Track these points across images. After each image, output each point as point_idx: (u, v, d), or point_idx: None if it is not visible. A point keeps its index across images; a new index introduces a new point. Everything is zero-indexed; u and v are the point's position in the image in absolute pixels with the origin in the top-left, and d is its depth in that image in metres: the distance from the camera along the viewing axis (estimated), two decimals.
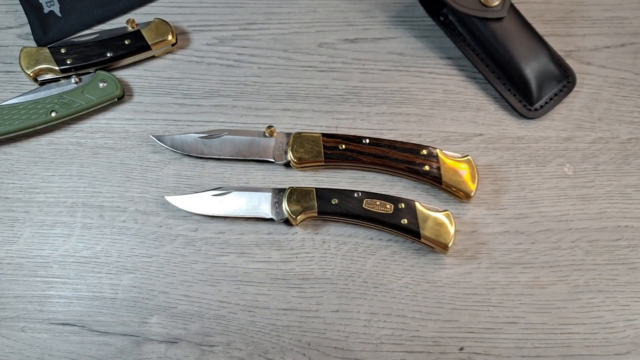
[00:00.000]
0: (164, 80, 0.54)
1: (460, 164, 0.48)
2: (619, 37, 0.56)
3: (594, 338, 0.45)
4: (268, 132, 0.50)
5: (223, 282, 0.46)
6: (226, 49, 0.55)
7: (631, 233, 0.48)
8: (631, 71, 0.54)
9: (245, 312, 0.45)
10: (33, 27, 0.55)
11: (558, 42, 0.55)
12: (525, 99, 0.52)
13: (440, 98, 0.53)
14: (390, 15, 0.57)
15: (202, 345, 0.44)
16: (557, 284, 0.46)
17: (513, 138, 0.51)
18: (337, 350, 0.44)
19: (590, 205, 0.49)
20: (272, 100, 0.53)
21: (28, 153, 0.51)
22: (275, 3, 0.57)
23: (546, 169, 0.50)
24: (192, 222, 0.48)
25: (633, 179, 0.50)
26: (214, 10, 0.57)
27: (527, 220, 0.48)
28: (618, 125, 0.52)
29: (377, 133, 0.51)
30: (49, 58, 0.52)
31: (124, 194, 0.49)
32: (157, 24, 0.54)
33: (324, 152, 0.49)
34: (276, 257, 0.47)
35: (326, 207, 0.47)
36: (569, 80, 0.53)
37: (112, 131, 0.52)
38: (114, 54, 0.52)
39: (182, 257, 0.47)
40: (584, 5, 0.57)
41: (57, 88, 0.52)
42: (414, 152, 0.49)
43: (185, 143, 0.50)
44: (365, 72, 0.54)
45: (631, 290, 0.46)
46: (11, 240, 0.48)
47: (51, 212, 0.49)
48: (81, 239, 0.48)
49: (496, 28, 0.51)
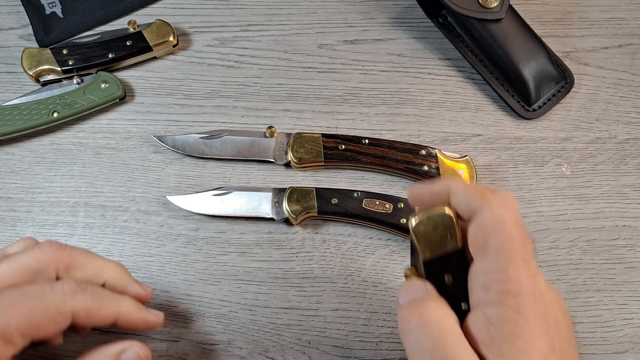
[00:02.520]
0: (165, 81, 0.54)
1: (458, 164, 0.49)
2: (617, 38, 0.56)
3: (592, 337, 0.45)
4: (268, 132, 0.50)
5: (224, 281, 0.47)
6: (227, 50, 0.55)
7: (629, 232, 0.48)
8: (629, 72, 0.54)
9: (245, 311, 0.46)
10: (35, 28, 0.55)
11: (556, 43, 0.55)
12: (523, 100, 0.52)
13: (439, 99, 0.53)
14: (390, 17, 0.57)
15: (203, 343, 0.44)
16: (555, 283, 0.47)
17: (511, 138, 0.52)
18: (337, 348, 0.44)
19: (588, 205, 0.49)
20: (273, 101, 0.53)
21: (30, 153, 0.51)
22: (275, 5, 0.57)
23: (544, 169, 0.51)
24: (193, 222, 0.48)
25: (630, 179, 0.50)
26: (214, 12, 0.57)
27: (525, 219, 0.49)
28: (616, 126, 0.52)
29: (377, 133, 0.52)
30: (50, 59, 0.52)
31: (125, 193, 0.49)
32: (158, 25, 0.54)
33: (324, 152, 0.49)
34: (276, 257, 0.47)
35: (326, 206, 0.47)
36: (567, 81, 0.53)
37: (113, 131, 0.52)
38: (115, 55, 0.53)
39: (183, 257, 0.47)
40: (582, 6, 0.57)
41: (59, 89, 0.52)
42: (413, 152, 0.49)
43: (187, 143, 0.50)
44: (364, 73, 0.55)
45: (629, 290, 0.47)
46: (13, 239, 0.48)
47: (53, 211, 0.49)
48: (83, 239, 0.48)
49: (494, 29, 0.51)
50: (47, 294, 0.34)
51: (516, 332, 0.28)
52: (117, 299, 0.37)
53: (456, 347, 0.29)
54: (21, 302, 0.33)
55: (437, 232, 0.31)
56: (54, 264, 0.36)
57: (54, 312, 0.34)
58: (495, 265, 0.29)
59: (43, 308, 0.33)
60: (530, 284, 0.29)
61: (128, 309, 0.37)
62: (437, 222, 0.31)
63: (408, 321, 0.30)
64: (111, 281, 0.38)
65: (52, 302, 0.34)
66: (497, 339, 0.28)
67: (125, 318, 0.37)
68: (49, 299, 0.34)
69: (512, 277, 0.29)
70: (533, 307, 0.29)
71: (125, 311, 0.37)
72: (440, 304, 0.31)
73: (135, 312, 0.38)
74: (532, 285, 0.29)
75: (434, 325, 0.30)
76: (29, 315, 0.33)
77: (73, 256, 0.37)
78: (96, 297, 0.36)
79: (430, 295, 0.31)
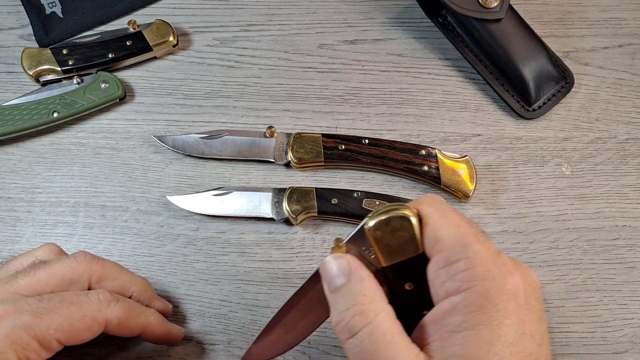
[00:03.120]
0: (165, 81, 0.54)
1: (458, 164, 0.49)
2: (617, 38, 0.56)
3: (592, 337, 0.45)
4: (268, 132, 0.50)
5: (224, 281, 0.47)
6: (227, 50, 0.55)
7: (629, 232, 0.48)
8: (629, 72, 0.54)
9: (245, 311, 0.46)
10: (35, 28, 0.55)
11: (556, 43, 0.55)
12: (523, 100, 0.52)
13: (439, 99, 0.53)
14: (390, 17, 0.57)
15: (203, 343, 0.44)
16: (555, 283, 0.47)
17: (511, 138, 0.52)
18: (337, 348, 0.44)
19: (588, 204, 0.49)
20: (273, 101, 0.53)
21: (30, 153, 0.51)
22: (275, 4, 0.57)
23: (544, 169, 0.51)
24: (193, 222, 0.48)
25: (631, 179, 0.50)
26: (214, 12, 0.57)
27: (525, 219, 0.49)
28: (616, 126, 0.52)
29: (377, 133, 0.52)
30: (50, 59, 0.52)
31: (125, 193, 0.49)
32: (158, 25, 0.54)
33: (324, 152, 0.49)
34: (276, 257, 0.47)
35: (326, 206, 0.47)
36: (567, 80, 0.53)
37: (113, 131, 0.52)
38: (115, 55, 0.53)
39: (183, 257, 0.47)
40: (582, 6, 0.57)
41: (59, 89, 0.52)
42: (412, 153, 0.49)
43: (187, 143, 0.50)
44: (364, 73, 0.55)
45: (629, 289, 0.47)
46: (13, 239, 0.48)
47: (53, 211, 0.49)
48: (83, 239, 0.48)
49: (494, 29, 0.51)
50: (84, 302, 0.35)
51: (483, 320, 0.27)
52: (146, 311, 0.39)
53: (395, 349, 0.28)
54: (60, 307, 0.34)
55: (396, 237, 0.30)
56: (87, 274, 0.38)
57: (90, 319, 0.35)
58: (455, 254, 0.28)
59: (80, 315, 0.34)
60: (496, 263, 0.28)
61: (155, 321, 0.39)
62: (395, 226, 0.29)
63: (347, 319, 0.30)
64: (137, 294, 0.40)
65: (89, 310, 0.35)
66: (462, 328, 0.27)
67: (151, 330, 0.39)
68: (86, 306, 0.35)
69: (475, 261, 0.28)
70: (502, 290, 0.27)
71: (152, 323, 0.39)
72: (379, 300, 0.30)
73: (161, 324, 0.40)
74: (498, 265, 0.28)
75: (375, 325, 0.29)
76: (67, 321, 0.34)
77: (105, 268, 0.39)
78: (127, 308, 0.37)
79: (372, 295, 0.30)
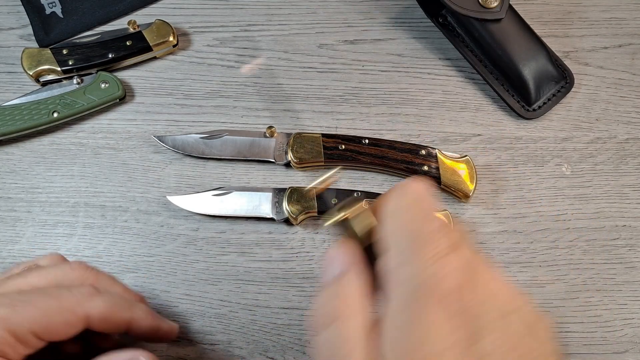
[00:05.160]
0: (165, 81, 0.54)
1: (458, 164, 0.49)
2: (617, 38, 0.56)
3: (592, 337, 0.45)
4: (268, 132, 0.50)
5: (224, 281, 0.47)
6: (227, 50, 0.55)
7: (629, 232, 0.48)
8: (629, 72, 0.54)
9: (245, 311, 0.46)
10: (35, 28, 0.55)
11: (556, 43, 0.55)
12: (523, 100, 0.52)
13: (439, 99, 0.53)
14: (390, 17, 0.57)
15: (203, 343, 0.44)
16: (555, 283, 0.47)
17: (511, 138, 0.52)
18: None
19: (588, 204, 0.49)
20: (273, 101, 0.53)
21: (30, 153, 0.51)
22: (275, 5, 0.57)
23: (544, 169, 0.51)
24: (193, 222, 0.48)
25: (631, 179, 0.50)
26: (214, 12, 0.57)
27: (525, 219, 0.49)
28: (616, 126, 0.52)
29: (377, 133, 0.52)
30: (50, 59, 0.52)
31: (125, 193, 0.49)
32: (158, 25, 0.54)
33: (324, 152, 0.49)
34: (276, 256, 0.47)
35: (326, 207, 0.47)
36: (567, 80, 0.53)
37: (113, 131, 0.52)
38: (115, 55, 0.53)
39: (183, 257, 0.47)
40: (582, 6, 0.57)
41: (59, 89, 0.52)
42: (412, 153, 0.49)
43: (187, 143, 0.50)
44: (364, 73, 0.55)
45: (629, 289, 0.47)
46: (13, 239, 0.48)
47: (53, 211, 0.49)
48: (83, 239, 0.48)
49: (494, 29, 0.51)
50: (63, 295, 0.34)
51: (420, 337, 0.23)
52: (132, 305, 0.38)
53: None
54: (37, 300, 0.33)
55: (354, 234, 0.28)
56: (79, 282, 0.37)
57: (69, 313, 0.34)
58: (400, 257, 0.25)
59: (58, 308, 0.33)
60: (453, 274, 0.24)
61: (142, 315, 0.38)
62: (348, 226, 0.28)
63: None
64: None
65: (68, 302, 0.34)
66: (398, 344, 0.24)
67: (139, 325, 0.37)
68: (65, 299, 0.34)
69: (419, 271, 0.24)
70: (446, 304, 0.23)
71: (139, 317, 0.37)
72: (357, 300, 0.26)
73: (149, 319, 0.38)
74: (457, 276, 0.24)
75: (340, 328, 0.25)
76: (43, 314, 0.33)
77: (98, 278, 0.38)
78: (111, 302, 0.36)
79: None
